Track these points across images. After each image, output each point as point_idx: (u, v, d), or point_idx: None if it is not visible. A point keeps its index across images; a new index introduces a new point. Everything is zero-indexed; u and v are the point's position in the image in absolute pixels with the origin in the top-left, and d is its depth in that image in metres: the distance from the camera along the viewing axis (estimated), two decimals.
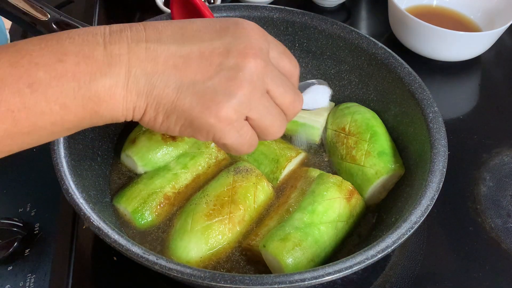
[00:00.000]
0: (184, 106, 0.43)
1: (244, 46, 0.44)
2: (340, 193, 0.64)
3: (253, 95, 0.44)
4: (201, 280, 0.49)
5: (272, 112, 0.46)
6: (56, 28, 0.72)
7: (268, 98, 0.46)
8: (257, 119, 0.45)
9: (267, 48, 0.46)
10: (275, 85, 0.46)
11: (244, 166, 0.69)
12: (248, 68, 0.43)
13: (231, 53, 0.43)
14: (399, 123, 0.71)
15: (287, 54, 0.49)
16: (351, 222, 0.64)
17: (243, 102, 0.43)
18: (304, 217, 0.61)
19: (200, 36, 0.44)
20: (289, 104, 0.48)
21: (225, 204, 0.64)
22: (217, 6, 0.77)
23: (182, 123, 0.44)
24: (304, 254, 0.58)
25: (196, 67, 0.43)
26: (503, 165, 0.78)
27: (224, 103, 0.43)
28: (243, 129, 0.45)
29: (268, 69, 0.45)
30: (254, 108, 0.44)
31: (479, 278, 0.65)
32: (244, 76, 0.43)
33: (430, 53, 0.91)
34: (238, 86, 0.43)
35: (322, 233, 0.61)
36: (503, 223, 0.71)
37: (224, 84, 0.43)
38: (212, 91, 0.43)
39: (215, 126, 0.43)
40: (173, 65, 0.42)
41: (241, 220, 0.64)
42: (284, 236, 0.59)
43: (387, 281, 0.64)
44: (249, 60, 0.43)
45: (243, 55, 0.43)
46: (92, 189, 0.62)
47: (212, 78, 0.43)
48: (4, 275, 0.63)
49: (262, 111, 0.45)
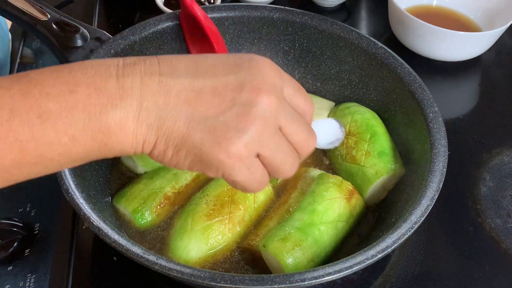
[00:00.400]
0: (194, 141, 0.42)
1: (258, 82, 0.43)
2: (340, 193, 0.64)
3: (265, 131, 0.43)
4: (201, 280, 0.49)
5: (284, 150, 0.45)
6: (56, 28, 0.72)
7: (280, 135, 0.45)
8: (269, 156, 0.44)
9: (281, 85, 0.45)
10: (288, 122, 0.45)
11: None
12: (261, 104, 0.42)
13: (244, 89, 0.43)
14: (399, 123, 0.71)
15: (301, 92, 0.48)
16: (351, 222, 0.64)
17: (254, 138, 0.42)
18: (304, 217, 0.61)
19: (214, 71, 0.43)
20: (302, 142, 0.46)
21: (225, 204, 0.64)
22: (217, 6, 0.77)
23: (192, 158, 0.43)
24: (304, 254, 0.58)
25: (208, 102, 0.42)
26: (503, 165, 0.78)
27: (235, 139, 0.42)
28: (254, 166, 0.44)
29: (282, 106, 0.44)
30: (265, 145, 0.43)
31: (479, 278, 0.65)
32: (257, 112, 0.42)
33: (430, 53, 0.91)
34: (250, 122, 0.42)
35: (322, 233, 0.61)
36: (503, 223, 0.71)
37: (235, 119, 0.42)
38: (223, 126, 0.42)
39: (225, 162, 0.42)
40: (185, 99, 0.42)
41: (241, 220, 0.64)
42: (284, 236, 0.59)
43: (387, 281, 0.64)
44: (262, 96, 0.43)
45: (256, 91, 0.43)
46: (92, 189, 0.62)
47: (224, 113, 0.42)
48: (4, 275, 0.63)
49: (274, 148, 0.44)
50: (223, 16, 0.77)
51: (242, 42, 0.80)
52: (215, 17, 0.77)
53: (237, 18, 0.78)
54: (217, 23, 0.77)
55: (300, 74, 0.81)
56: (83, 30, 0.73)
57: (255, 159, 0.44)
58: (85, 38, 0.72)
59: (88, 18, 0.98)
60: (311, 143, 0.48)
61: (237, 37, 0.80)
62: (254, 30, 0.79)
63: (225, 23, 0.78)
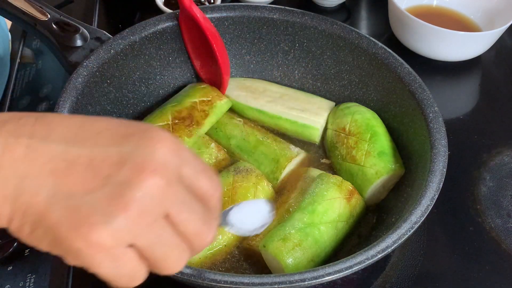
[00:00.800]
0: (51, 221, 0.35)
1: (144, 159, 0.36)
2: (340, 193, 0.64)
3: (141, 220, 0.35)
4: (201, 280, 0.49)
5: (166, 243, 0.38)
6: (56, 28, 0.72)
7: (164, 225, 0.37)
8: (145, 249, 0.37)
9: (176, 165, 0.38)
10: (178, 210, 0.37)
11: (244, 166, 0.69)
12: (142, 187, 0.35)
13: (125, 166, 0.36)
14: (399, 123, 0.71)
15: (206, 173, 0.41)
16: (351, 222, 0.64)
17: (125, 227, 0.35)
18: (304, 217, 0.61)
19: (96, 140, 0.37)
20: (194, 234, 0.39)
21: (225, 204, 0.64)
22: (217, 6, 0.77)
23: (49, 240, 0.36)
24: (304, 254, 0.59)
25: (79, 176, 0.36)
26: (503, 165, 0.78)
27: (99, 226, 0.34)
28: (122, 259, 0.36)
29: (171, 190, 0.37)
30: (141, 236, 0.36)
31: (479, 278, 0.65)
32: (132, 195, 0.35)
33: (430, 53, 0.91)
34: (123, 207, 0.35)
35: (322, 233, 0.61)
36: (503, 223, 0.71)
37: (105, 201, 0.35)
38: (88, 208, 0.35)
39: (83, 251, 0.35)
40: (52, 170, 0.35)
41: None
42: (284, 236, 0.59)
43: (387, 281, 0.64)
44: (146, 177, 0.35)
45: (139, 170, 0.35)
46: None
47: (93, 192, 0.35)
48: (4, 275, 0.63)
49: (152, 240, 0.37)
50: (223, 16, 0.77)
51: (242, 42, 0.80)
52: (215, 17, 0.77)
53: (237, 18, 0.78)
54: (217, 23, 0.77)
55: (300, 74, 0.81)
56: (83, 30, 0.73)
57: (127, 250, 0.36)
58: (85, 38, 0.72)
59: (88, 18, 0.98)
60: (206, 236, 0.40)
61: (237, 37, 0.80)
62: (254, 30, 0.79)
63: (225, 23, 0.78)
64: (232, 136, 0.74)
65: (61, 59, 0.73)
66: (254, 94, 0.78)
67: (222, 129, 0.75)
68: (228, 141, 0.74)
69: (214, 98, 0.75)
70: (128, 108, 0.75)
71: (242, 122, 0.76)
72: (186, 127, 0.71)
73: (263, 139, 0.73)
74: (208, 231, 0.40)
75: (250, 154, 0.72)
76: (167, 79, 0.79)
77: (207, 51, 0.74)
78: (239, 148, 0.73)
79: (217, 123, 0.75)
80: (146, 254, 0.37)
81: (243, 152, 0.73)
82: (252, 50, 0.81)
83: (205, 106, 0.74)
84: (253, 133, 0.74)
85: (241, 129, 0.74)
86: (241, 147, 0.73)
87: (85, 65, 0.67)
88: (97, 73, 0.68)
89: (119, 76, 0.72)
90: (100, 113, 0.70)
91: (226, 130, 0.75)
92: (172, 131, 0.70)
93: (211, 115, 0.74)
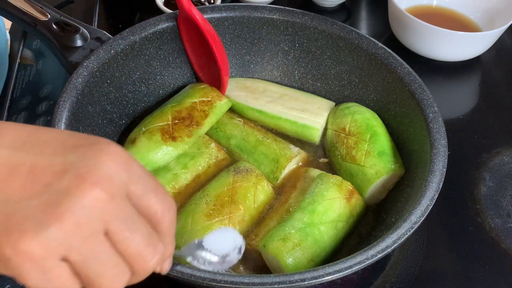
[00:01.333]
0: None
1: (87, 170, 0.34)
2: (340, 193, 0.64)
3: (76, 232, 0.34)
4: (201, 280, 0.49)
5: (103, 260, 0.35)
6: (56, 28, 0.72)
7: (102, 241, 0.35)
8: (78, 264, 0.35)
9: (123, 180, 0.36)
10: (120, 227, 0.35)
11: (244, 166, 0.69)
12: (81, 198, 0.34)
13: (66, 175, 0.34)
14: (399, 123, 0.71)
15: (158, 192, 0.39)
16: (351, 222, 0.64)
17: (57, 238, 0.33)
18: (304, 217, 0.61)
19: (42, 148, 0.36)
20: (134, 255, 0.36)
21: (225, 204, 0.64)
22: (217, 6, 0.77)
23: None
24: (304, 254, 0.59)
25: (20, 182, 0.34)
26: (503, 165, 0.78)
27: (30, 234, 0.33)
28: (53, 273, 0.34)
29: (114, 206, 0.35)
30: (74, 249, 0.34)
31: (479, 278, 0.65)
32: (69, 206, 0.33)
33: (430, 53, 0.91)
34: (57, 217, 0.33)
35: (322, 233, 0.61)
36: (503, 223, 0.71)
37: (40, 209, 0.33)
38: (21, 215, 0.33)
39: (11, 260, 0.33)
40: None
41: (241, 220, 0.64)
42: (284, 236, 0.59)
43: (387, 281, 0.64)
44: (86, 188, 0.34)
45: (80, 180, 0.34)
46: None
47: (30, 198, 0.34)
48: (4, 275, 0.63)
49: (86, 255, 0.35)
50: (223, 16, 0.77)
51: (242, 42, 0.80)
52: (215, 17, 0.77)
53: (237, 18, 0.78)
54: (217, 23, 0.77)
55: (300, 74, 0.81)
56: (83, 30, 0.73)
57: (58, 263, 0.34)
58: (85, 38, 0.72)
59: (88, 18, 0.98)
60: (148, 259, 0.37)
61: (237, 37, 0.80)
62: (254, 30, 0.79)
63: (225, 23, 0.78)
64: (232, 136, 0.74)
65: (61, 59, 0.73)
66: (254, 94, 0.78)
67: (222, 129, 0.75)
68: (228, 141, 0.74)
69: (214, 98, 0.75)
70: (128, 108, 0.75)
71: (242, 122, 0.76)
72: (186, 127, 0.71)
73: (263, 139, 0.73)
74: (151, 254, 0.37)
75: (250, 154, 0.72)
76: (167, 79, 0.79)
77: (206, 52, 0.74)
78: (239, 148, 0.73)
79: (217, 123, 0.75)
80: (79, 270, 0.35)
81: (243, 152, 0.73)
82: (252, 50, 0.81)
83: (205, 106, 0.74)
84: (253, 133, 0.74)
85: (241, 129, 0.74)
86: (241, 147, 0.73)
87: (85, 65, 0.67)
88: (97, 73, 0.68)
89: (119, 76, 0.72)
90: (100, 113, 0.70)
91: (226, 130, 0.75)
92: (172, 131, 0.70)
93: (211, 115, 0.74)
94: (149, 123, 0.71)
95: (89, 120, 0.67)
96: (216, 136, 0.75)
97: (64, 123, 0.61)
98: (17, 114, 0.84)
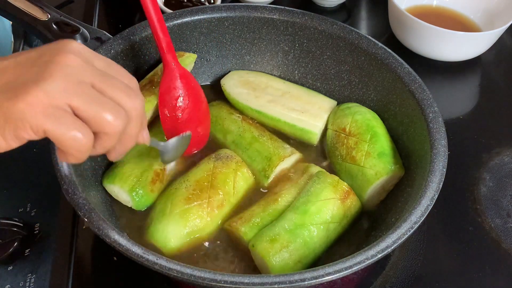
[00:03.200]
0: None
1: (59, 48, 0.44)
2: (335, 194, 0.64)
3: (67, 81, 0.43)
4: (201, 280, 0.49)
5: (99, 101, 0.44)
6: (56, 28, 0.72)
7: (91, 89, 0.44)
8: (80, 107, 0.43)
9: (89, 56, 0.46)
10: (101, 79, 0.45)
11: (225, 153, 0.70)
12: (60, 60, 0.43)
13: (45, 55, 0.44)
14: (399, 123, 0.71)
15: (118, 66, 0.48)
16: (344, 224, 0.64)
17: (56, 87, 0.42)
18: (295, 217, 0.62)
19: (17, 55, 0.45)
20: (122, 97, 0.46)
21: (204, 189, 0.65)
22: (217, 6, 0.77)
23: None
24: (291, 256, 0.59)
25: (11, 73, 0.44)
26: (503, 165, 0.78)
27: (33, 88, 0.42)
28: (63, 116, 0.42)
29: (90, 67, 0.45)
30: (73, 95, 0.43)
31: (479, 278, 0.65)
32: (54, 66, 0.43)
33: (430, 53, 0.91)
34: (49, 74, 0.42)
35: (312, 234, 0.61)
36: (503, 223, 0.71)
37: (34, 75, 0.43)
38: (22, 83, 0.42)
39: (26, 111, 0.41)
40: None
41: (220, 205, 0.65)
42: (273, 237, 0.60)
43: (387, 281, 0.64)
44: (63, 55, 0.44)
45: (55, 53, 0.44)
46: (92, 189, 0.62)
47: (23, 75, 0.43)
48: (4, 275, 0.63)
49: (85, 98, 0.43)
50: (223, 16, 0.77)
51: (242, 42, 0.80)
52: (215, 17, 0.77)
53: (237, 18, 0.78)
54: (217, 23, 0.77)
55: (300, 74, 0.81)
56: (83, 30, 0.73)
57: (65, 111, 0.43)
58: (85, 38, 0.72)
59: (88, 18, 0.98)
60: (135, 98, 0.47)
61: (237, 37, 0.80)
62: (254, 30, 0.79)
63: (225, 23, 0.78)
64: (229, 131, 0.74)
65: None
66: (255, 91, 0.78)
67: (220, 123, 0.76)
68: (225, 136, 0.74)
69: None
70: None
71: (241, 119, 0.76)
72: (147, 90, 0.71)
73: (258, 137, 0.73)
74: (135, 96, 0.47)
75: (244, 150, 0.72)
76: None
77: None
78: (234, 144, 0.73)
79: (215, 117, 0.76)
80: (83, 113, 0.43)
81: (238, 148, 0.73)
82: (252, 50, 0.81)
83: None
84: (249, 129, 0.74)
85: (238, 125, 0.75)
86: (236, 143, 0.73)
87: None
88: None
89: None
90: None
91: (224, 124, 0.75)
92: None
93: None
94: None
95: None
96: (213, 130, 0.75)
97: None
98: None
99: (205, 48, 0.80)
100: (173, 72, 0.68)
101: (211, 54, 0.81)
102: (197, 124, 0.71)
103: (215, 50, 0.81)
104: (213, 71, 0.83)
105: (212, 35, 0.79)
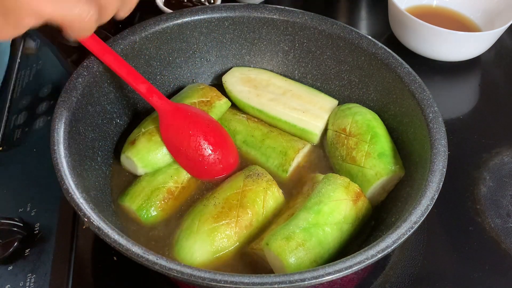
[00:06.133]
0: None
1: None
2: (347, 195, 0.63)
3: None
4: (201, 280, 0.49)
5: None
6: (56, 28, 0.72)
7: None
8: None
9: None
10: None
11: (256, 170, 0.69)
12: None
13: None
14: (399, 123, 0.71)
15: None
16: (356, 225, 0.64)
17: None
18: (309, 217, 0.60)
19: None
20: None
21: (233, 207, 0.64)
22: (217, 6, 0.77)
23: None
24: (307, 255, 0.58)
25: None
26: (503, 165, 0.78)
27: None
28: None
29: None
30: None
31: (479, 278, 0.65)
32: None
33: (430, 53, 0.91)
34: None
35: (327, 234, 0.60)
36: (503, 223, 0.71)
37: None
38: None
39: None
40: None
41: (248, 225, 0.64)
42: (288, 235, 0.59)
43: (387, 281, 0.64)
44: None
45: None
46: (92, 189, 0.62)
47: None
48: (4, 275, 0.63)
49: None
50: (223, 16, 0.77)
51: (242, 42, 0.80)
52: (215, 17, 0.77)
53: (237, 18, 0.78)
54: (217, 23, 0.77)
55: (300, 74, 0.81)
56: None
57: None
58: None
59: None
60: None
61: (237, 37, 0.80)
62: (254, 30, 0.79)
63: (225, 23, 0.78)
64: (237, 131, 0.74)
65: (61, 59, 0.73)
66: (257, 89, 0.78)
67: (226, 124, 0.75)
68: (234, 137, 0.74)
69: (213, 99, 0.75)
70: (128, 108, 0.75)
71: (246, 118, 0.76)
72: None
73: (268, 133, 0.73)
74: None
75: (257, 148, 0.72)
76: (167, 79, 0.79)
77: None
78: (246, 143, 0.73)
79: (220, 120, 0.76)
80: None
81: (250, 147, 0.73)
82: (252, 50, 0.81)
83: (204, 106, 0.74)
84: (258, 127, 0.74)
85: (245, 125, 0.75)
86: (247, 142, 0.73)
87: (85, 65, 0.67)
88: (97, 73, 0.68)
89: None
90: (100, 113, 0.70)
91: (230, 126, 0.75)
92: None
93: (211, 115, 0.74)
94: (149, 124, 0.71)
95: (89, 120, 0.67)
96: None
97: (64, 123, 0.61)
98: (17, 114, 0.84)
99: (205, 48, 0.80)
100: (164, 112, 0.69)
101: (211, 54, 0.81)
102: (216, 148, 0.70)
103: (215, 50, 0.81)
104: (213, 71, 0.83)
105: (212, 35, 0.79)
